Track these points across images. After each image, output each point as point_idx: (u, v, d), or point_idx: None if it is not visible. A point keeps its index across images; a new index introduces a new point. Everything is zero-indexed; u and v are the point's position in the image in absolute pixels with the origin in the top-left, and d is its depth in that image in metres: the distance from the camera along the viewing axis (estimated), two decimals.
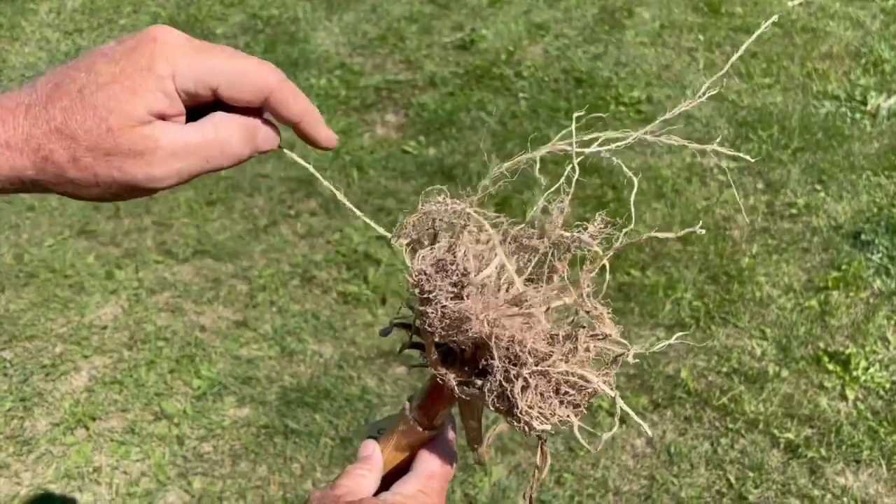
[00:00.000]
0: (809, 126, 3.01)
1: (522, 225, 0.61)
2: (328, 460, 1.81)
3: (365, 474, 0.58)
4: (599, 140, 0.58)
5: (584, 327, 0.50)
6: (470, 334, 0.50)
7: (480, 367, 0.52)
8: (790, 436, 1.87)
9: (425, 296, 0.51)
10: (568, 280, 0.57)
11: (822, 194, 2.67)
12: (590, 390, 0.50)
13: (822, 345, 2.10)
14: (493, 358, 0.49)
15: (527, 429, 0.50)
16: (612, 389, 0.50)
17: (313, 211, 2.59)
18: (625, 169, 0.58)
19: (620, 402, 0.50)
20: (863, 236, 2.45)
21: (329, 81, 3.35)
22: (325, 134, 0.54)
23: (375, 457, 0.59)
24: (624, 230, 0.56)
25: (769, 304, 2.24)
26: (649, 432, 0.46)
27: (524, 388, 0.49)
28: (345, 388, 1.98)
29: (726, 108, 3.16)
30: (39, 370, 2.00)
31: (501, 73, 3.36)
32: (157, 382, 1.98)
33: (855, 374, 2.01)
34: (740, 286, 2.29)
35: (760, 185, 2.74)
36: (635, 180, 0.58)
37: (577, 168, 0.60)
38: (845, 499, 1.74)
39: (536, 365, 0.49)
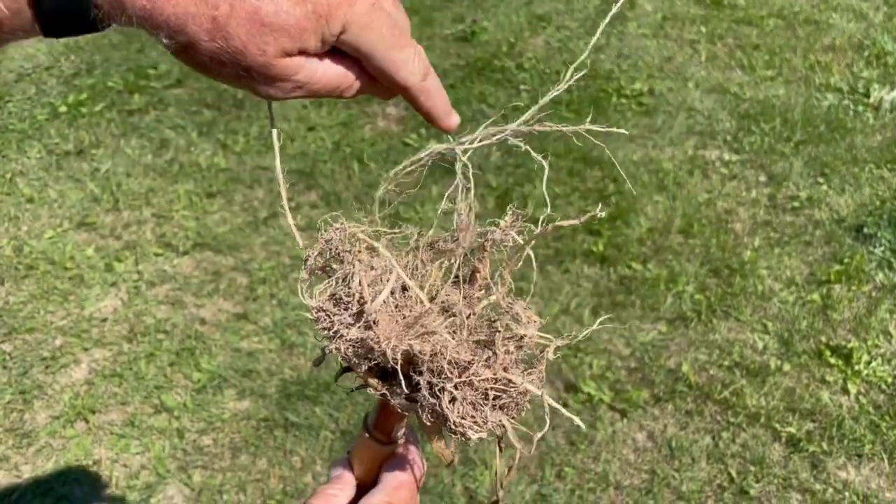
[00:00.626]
0: (812, 119, 3.00)
1: (431, 232, 0.58)
2: (328, 453, 1.81)
3: (336, 493, 0.60)
4: (476, 136, 0.58)
5: (499, 331, 0.50)
6: (383, 359, 0.50)
7: (413, 382, 0.52)
8: (792, 430, 1.86)
9: (327, 333, 0.51)
10: (491, 279, 0.57)
11: (825, 187, 2.66)
12: (519, 392, 0.50)
13: (823, 339, 2.10)
14: (419, 373, 0.50)
15: (463, 439, 0.50)
16: (538, 388, 0.50)
17: (314, 203, 2.58)
18: (533, 154, 0.58)
19: (547, 399, 0.50)
20: (865, 229, 2.44)
21: None
22: (447, 124, 0.56)
23: (346, 476, 0.61)
24: (544, 221, 0.56)
25: (771, 298, 2.23)
26: (582, 426, 0.47)
27: (452, 401, 0.49)
28: (345, 380, 1.97)
29: (728, 100, 3.14)
30: (39, 363, 1.99)
31: (503, 65, 3.35)
32: (156, 375, 1.98)
33: (857, 368, 2.00)
34: (742, 279, 2.28)
35: (763, 178, 2.73)
36: (545, 164, 0.59)
37: (469, 165, 0.59)
38: (847, 493, 1.73)
39: (460, 376, 0.49)
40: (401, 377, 0.49)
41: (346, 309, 0.50)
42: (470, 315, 0.53)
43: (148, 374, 1.98)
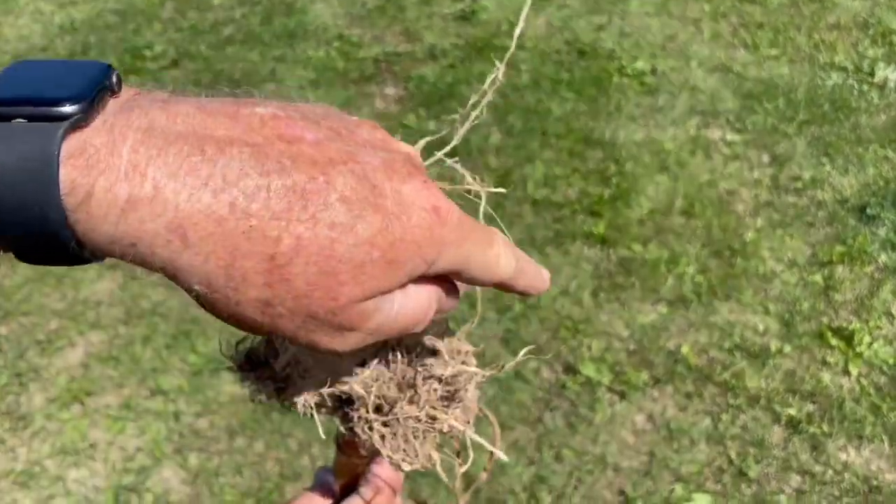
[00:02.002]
0: (816, 98, 2.96)
1: None
2: (325, 435, 1.80)
3: (318, 499, 0.60)
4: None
5: (418, 371, 0.50)
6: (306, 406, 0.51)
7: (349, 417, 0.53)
8: (792, 412, 1.85)
9: (250, 392, 0.51)
10: None
11: (828, 168, 2.62)
12: (443, 427, 0.51)
13: (825, 320, 2.08)
14: (354, 410, 0.51)
15: (400, 470, 0.51)
16: (463, 424, 0.51)
17: None
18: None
19: (471, 435, 0.51)
20: (868, 210, 2.41)
21: (327, 53, 3.30)
22: (543, 288, 0.45)
23: (328, 484, 0.61)
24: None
25: (773, 279, 2.21)
26: (503, 457, 0.46)
27: (382, 437, 0.50)
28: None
29: (731, 79, 3.10)
30: (34, 345, 1.98)
31: (503, 44, 3.31)
32: (152, 358, 1.97)
33: (858, 349, 1.98)
34: (744, 261, 2.26)
35: (765, 159, 2.70)
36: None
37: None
38: (847, 475, 1.72)
39: (388, 413, 0.49)
40: (336, 417, 0.51)
41: (258, 370, 0.50)
42: (402, 350, 0.54)
43: (144, 357, 1.97)
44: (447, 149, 0.55)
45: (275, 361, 0.50)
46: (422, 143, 0.54)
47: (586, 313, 2.10)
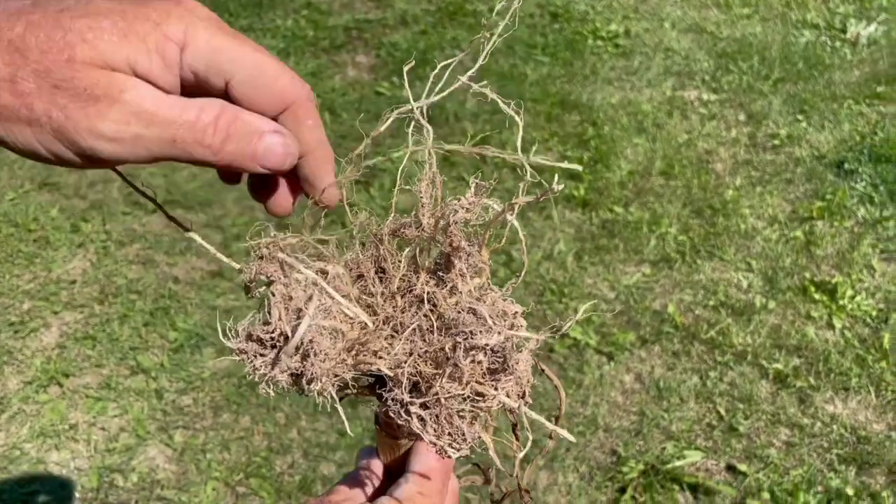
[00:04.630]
0: (790, 56, 2.96)
1: (393, 215, 0.51)
2: (313, 408, 1.77)
3: (363, 481, 0.56)
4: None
5: (458, 341, 0.43)
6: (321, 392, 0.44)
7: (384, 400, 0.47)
8: (779, 366, 1.85)
9: (252, 377, 0.44)
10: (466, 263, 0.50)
11: (804, 124, 2.63)
12: (492, 405, 0.45)
13: (808, 275, 2.08)
14: (387, 392, 0.45)
15: (445, 456, 0.45)
16: (516, 399, 0.45)
17: None
18: (503, 106, 0.50)
19: (525, 411, 0.46)
20: (846, 165, 2.42)
21: (296, 22, 3.22)
22: (329, 181, 0.44)
23: (373, 463, 0.57)
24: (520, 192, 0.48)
25: (754, 236, 2.21)
26: (571, 439, 0.43)
27: (422, 421, 0.44)
28: None
29: (705, 40, 3.09)
30: (7, 328, 1.92)
31: (475, 9, 3.26)
32: (131, 336, 1.92)
33: (841, 302, 1.99)
34: (725, 219, 2.26)
35: (742, 117, 2.69)
36: (519, 119, 0.50)
37: (430, 130, 0.50)
38: (835, 426, 1.73)
39: (426, 394, 0.44)
40: (339, 407, 0.44)
41: (270, 349, 0.44)
42: (439, 317, 0.46)
43: (122, 335, 1.92)
44: (469, 72, 0.52)
45: (268, 328, 0.43)
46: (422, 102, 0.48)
47: (571, 276, 2.09)
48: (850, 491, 1.59)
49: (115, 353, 1.87)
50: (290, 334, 0.42)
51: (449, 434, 0.45)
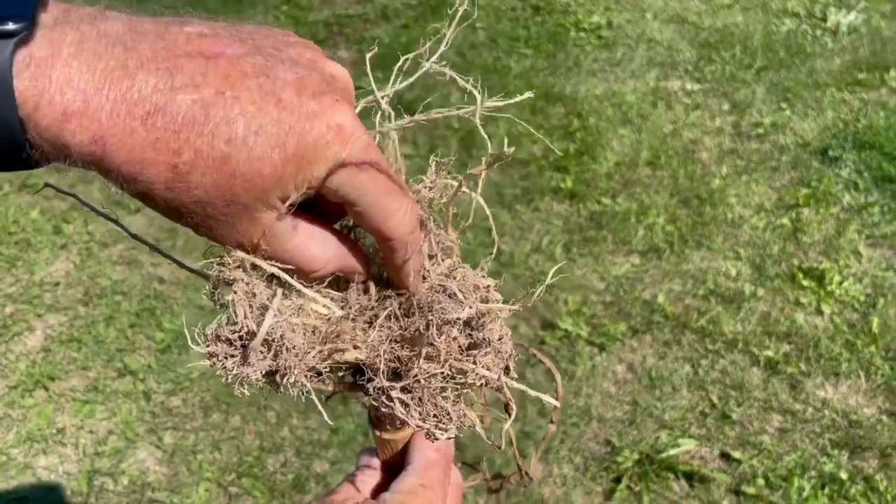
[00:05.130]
0: (772, 45, 2.97)
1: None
2: (304, 406, 1.75)
3: (365, 479, 0.55)
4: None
5: (430, 319, 0.43)
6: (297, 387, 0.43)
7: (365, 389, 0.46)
8: (769, 353, 1.86)
9: (226, 379, 0.44)
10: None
11: (788, 112, 2.64)
12: (474, 381, 0.44)
13: (795, 262, 2.09)
14: (367, 381, 0.44)
15: (433, 438, 0.45)
16: (497, 371, 0.45)
17: None
18: (460, 79, 0.49)
19: (508, 382, 0.45)
20: (830, 152, 2.43)
21: (276, 18, 3.20)
22: (410, 284, 0.45)
23: (373, 462, 0.57)
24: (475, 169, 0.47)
25: (741, 225, 2.22)
26: (555, 403, 0.43)
27: (405, 405, 0.44)
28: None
29: (687, 30, 3.09)
30: None
31: (456, 2, 3.24)
32: (117, 338, 1.89)
33: (829, 288, 2.00)
34: (712, 208, 2.26)
35: (726, 107, 2.70)
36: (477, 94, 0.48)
37: (392, 114, 0.50)
38: (826, 411, 1.74)
39: (405, 377, 0.43)
40: (318, 403, 0.43)
41: (238, 348, 0.42)
42: (409, 300, 0.46)
43: (108, 337, 1.89)
44: (436, 55, 0.51)
45: (235, 328, 0.41)
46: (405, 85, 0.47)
47: (560, 268, 2.08)
48: (843, 475, 1.60)
49: (101, 356, 1.85)
50: (255, 330, 0.41)
51: (434, 416, 0.44)
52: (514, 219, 2.23)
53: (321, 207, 0.42)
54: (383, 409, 0.44)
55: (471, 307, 0.44)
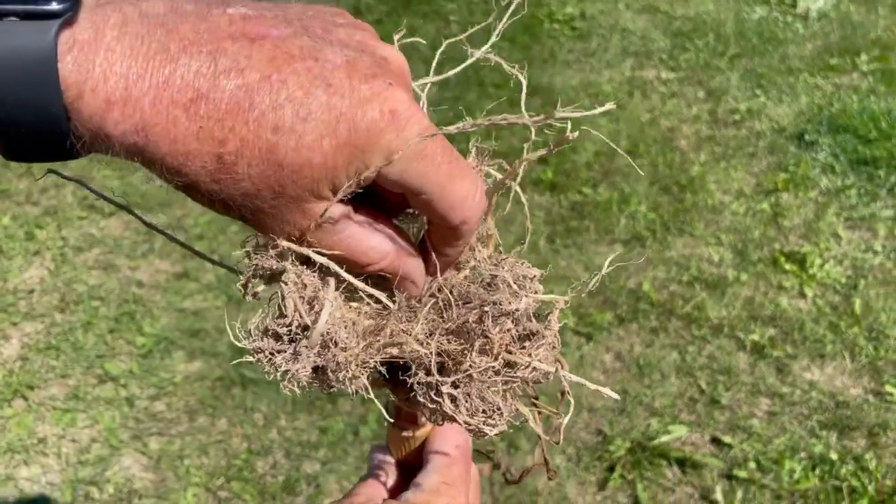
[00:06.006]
0: (744, 32, 2.99)
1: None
2: (292, 407, 1.72)
3: (382, 479, 0.54)
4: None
5: (486, 311, 0.41)
6: (353, 384, 0.41)
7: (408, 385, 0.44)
8: (755, 337, 1.86)
9: (274, 375, 0.41)
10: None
11: (763, 99, 2.65)
12: (526, 375, 0.42)
13: (777, 246, 2.10)
14: (411, 376, 0.42)
15: (482, 436, 0.43)
16: (550, 364, 0.43)
17: None
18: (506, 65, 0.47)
19: (565, 375, 0.43)
20: (806, 137, 2.45)
21: None
22: (452, 261, 0.44)
23: (387, 460, 0.55)
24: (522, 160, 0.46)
25: (722, 211, 2.23)
26: (615, 396, 0.42)
27: (454, 401, 0.41)
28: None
29: (660, 19, 3.10)
30: None
31: None
32: (96, 344, 1.85)
33: (811, 271, 2.01)
34: (692, 195, 2.27)
35: (701, 94, 2.71)
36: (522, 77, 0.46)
37: (424, 102, 0.49)
38: (814, 393, 1.75)
39: (455, 371, 0.41)
40: (368, 390, 0.41)
41: (288, 344, 0.40)
42: (452, 290, 0.44)
43: (87, 343, 1.85)
44: (487, 45, 0.49)
45: (285, 322, 0.40)
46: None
47: (544, 259, 2.07)
48: (833, 455, 1.61)
49: (80, 363, 1.80)
50: (309, 324, 0.39)
51: (483, 411, 0.42)
52: (495, 212, 2.22)
53: (381, 198, 0.40)
54: (429, 405, 0.42)
55: (527, 297, 0.42)
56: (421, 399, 0.42)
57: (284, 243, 0.39)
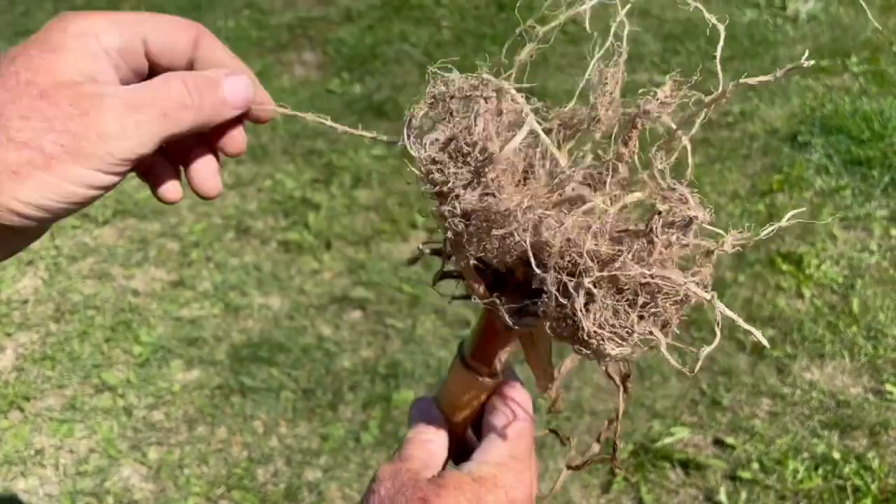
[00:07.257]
0: (735, 35, 3.00)
1: (570, 105, 0.48)
2: (291, 414, 1.71)
3: (432, 438, 0.48)
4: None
5: (658, 214, 0.38)
6: (507, 241, 0.38)
7: (534, 286, 0.40)
8: (755, 338, 1.86)
9: (439, 189, 0.39)
10: (640, 168, 0.44)
11: (756, 101, 2.67)
12: (677, 296, 0.37)
13: (774, 247, 2.11)
14: (543, 269, 0.38)
15: (600, 355, 0.38)
16: (707, 291, 0.38)
17: (239, 159, 2.42)
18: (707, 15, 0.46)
19: (720, 307, 0.37)
20: (800, 138, 2.46)
21: (237, 23, 3.14)
22: (262, 96, 0.45)
23: (436, 416, 0.50)
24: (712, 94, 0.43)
25: (718, 212, 2.21)
26: (764, 342, 0.39)
27: (588, 303, 0.37)
28: (299, 338, 1.87)
29: (651, 23, 3.11)
30: None
31: (420, 2, 3.22)
32: (93, 353, 1.83)
33: (808, 272, 2.02)
34: None
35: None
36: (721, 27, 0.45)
37: (625, 22, 0.47)
38: (814, 393, 1.75)
39: (601, 270, 0.36)
40: (531, 255, 0.37)
41: (465, 164, 0.38)
42: (615, 207, 0.40)
43: (83, 353, 1.83)
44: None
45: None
46: None
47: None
48: (836, 455, 1.61)
49: (77, 373, 1.78)
50: (497, 149, 0.38)
51: (612, 325, 0.37)
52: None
53: None
54: (552, 307, 0.38)
55: (703, 210, 0.39)
56: (553, 291, 0.37)
57: (488, 76, 0.40)
